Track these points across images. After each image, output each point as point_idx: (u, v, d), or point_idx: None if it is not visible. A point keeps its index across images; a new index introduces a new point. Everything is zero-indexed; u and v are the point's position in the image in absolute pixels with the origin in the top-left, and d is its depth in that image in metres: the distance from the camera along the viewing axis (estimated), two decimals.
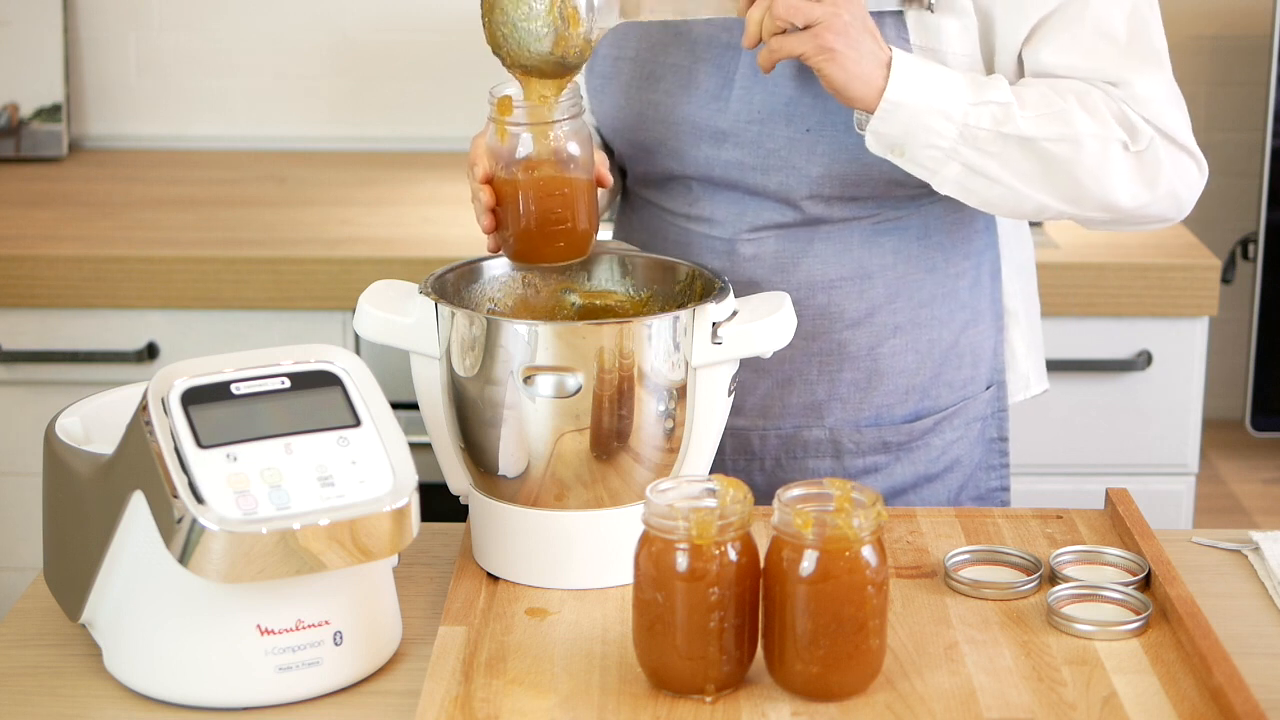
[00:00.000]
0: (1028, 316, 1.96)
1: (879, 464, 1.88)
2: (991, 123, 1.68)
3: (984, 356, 1.91)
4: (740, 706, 1.41)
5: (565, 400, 1.56)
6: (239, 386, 1.41)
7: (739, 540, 1.40)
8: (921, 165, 1.69)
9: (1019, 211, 1.74)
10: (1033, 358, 1.96)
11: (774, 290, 1.80)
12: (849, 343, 1.83)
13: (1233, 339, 3.19)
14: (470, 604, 1.55)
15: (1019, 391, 1.95)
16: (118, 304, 2.58)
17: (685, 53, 1.81)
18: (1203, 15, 3.15)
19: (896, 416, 1.87)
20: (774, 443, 1.86)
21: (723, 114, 1.78)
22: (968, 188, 1.70)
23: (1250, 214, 3.12)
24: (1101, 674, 1.45)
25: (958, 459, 1.91)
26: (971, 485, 1.93)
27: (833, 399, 1.85)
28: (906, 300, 1.84)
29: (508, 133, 1.64)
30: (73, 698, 1.45)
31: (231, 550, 1.34)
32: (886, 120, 1.66)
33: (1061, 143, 1.69)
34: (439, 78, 3.17)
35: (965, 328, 1.88)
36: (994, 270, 1.90)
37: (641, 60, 1.83)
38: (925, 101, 1.66)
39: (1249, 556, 1.68)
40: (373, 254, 2.59)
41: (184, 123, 3.20)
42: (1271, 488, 2.99)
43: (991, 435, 1.94)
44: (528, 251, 1.68)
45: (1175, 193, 1.75)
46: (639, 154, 1.85)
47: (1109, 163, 1.71)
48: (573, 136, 1.65)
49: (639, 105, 1.83)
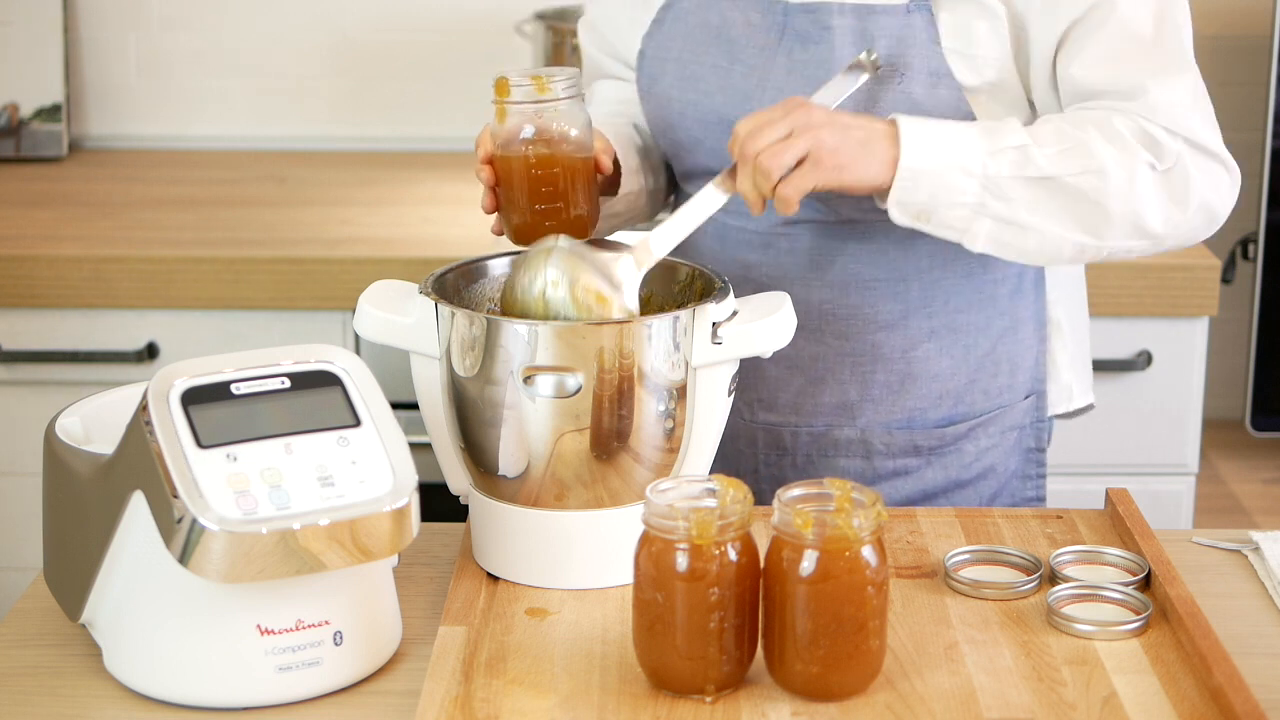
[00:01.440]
0: (1073, 327, 1.92)
1: (909, 466, 1.87)
2: (1012, 168, 1.66)
3: (1023, 365, 1.89)
4: (740, 706, 1.41)
5: (565, 400, 1.56)
6: (239, 386, 1.41)
7: (739, 540, 1.40)
8: (950, 227, 1.68)
9: (1058, 257, 1.71)
10: (1076, 370, 1.93)
11: (809, 287, 1.80)
12: (882, 344, 1.83)
13: (1233, 339, 3.19)
14: (470, 604, 1.55)
15: (1061, 403, 1.93)
16: (118, 304, 2.58)
17: (723, 54, 1.81)
18: (1203, 15, 3.14)
19: (929, 420, 1.87)
20: (805, 440, 1.86)
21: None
22: (1002, 241, 1.68)
23: (1250, 214, 3.12)
24: (1101, 674, 1.45)
25: (991, 466, 1.89)
26: (1006, 494, 1.91)
27: (864, 400, 1.85)
28: (942, 305, 1.83)
29: (506, 113, 1.68)
30: (73, 698, 1.45)
31: (231, 550, 1.34)
32: (907, 189, 1.65)
33: (1086, 175, 1.66)
34: (439, 78, 3.17)
35: (1004, 335, 1.87)
36: (1037, 279, 1.88)
37: (684, 61, 1.84)
38: (942, 162, 1.64)
39: (1249, 556, 1.68)
40: (373, 254, 2.59)
41: (184, 123, 3.20)
42: (1271, 488, 2.99)
43: (1029, 445, 1.91)
44: (525, 231, 1.71)
45: (1208, 205, 1.71)
46: (680, 152, 1.87)
47: (1137, 188, 1.67)
48: (568, 118, 1.68)
49: (680, 105, 1.84)
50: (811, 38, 1.77)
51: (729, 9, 1.82)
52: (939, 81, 1.74)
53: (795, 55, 1.78)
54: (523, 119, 1.68)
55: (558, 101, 1.68)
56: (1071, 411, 1.94)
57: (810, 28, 1.77)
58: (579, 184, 1.70)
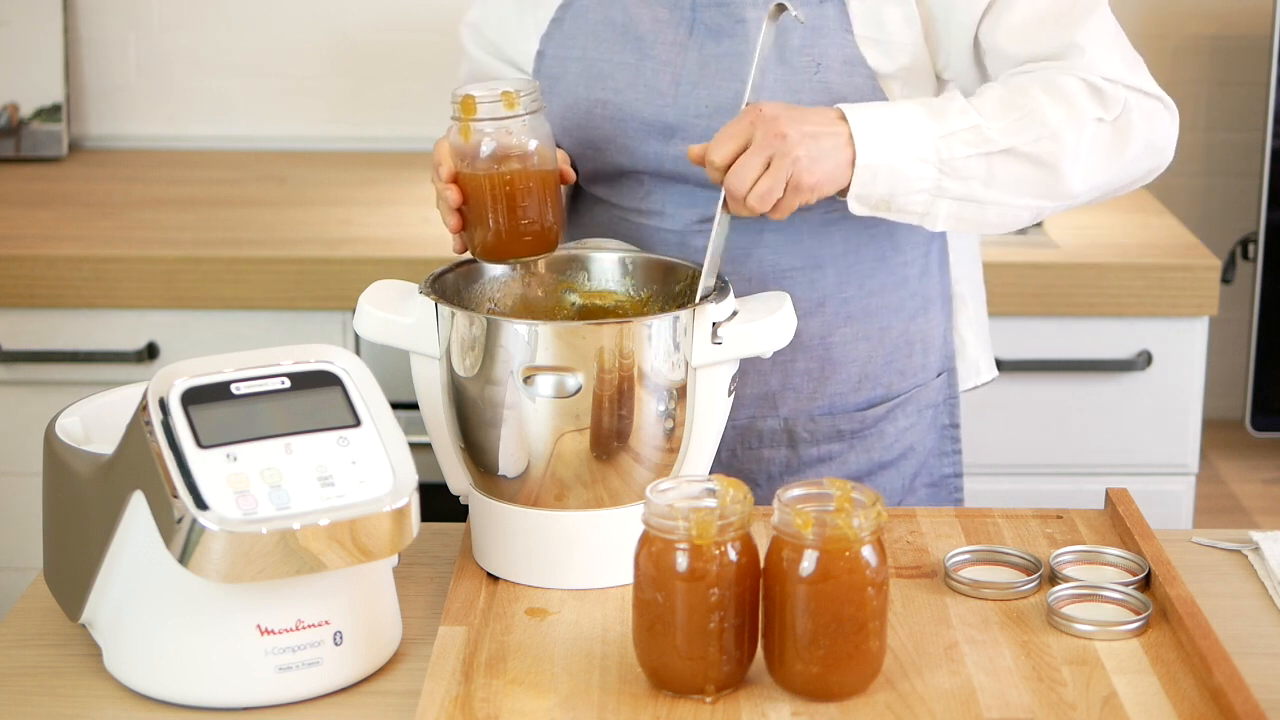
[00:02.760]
0: (975, 304, 1.97)
1: (833, 452, 1.88)
2: (966, 149, 1.68)
3: (934, 343, 1.92)
4: (740, 706, 1.41)
5: (565, 400, 1.56)
6: (239, 386, 1.41)
7: (739, 540, 1.40)
8: (910, 213, 1.70)
9: (1018, 223, 1.74)
10: (981, 345, 1.98)
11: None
12: (801, 332, 1.84)
13: (1233, 339, 3.19)
14: (470, 604, 1.55)
15: (969, 378, 1.97)
16: (118, 304, 2.58)
17: (632, 51, 1.82)
18: (1203, 15, 3.15)
19: (850, 404, 1.88)
20: (729, 434, 1.86)
21: (671, 109, 1.80)
22: (963, 218, 1.71)
23: (1250, 214, 3.12)
24: (1101, 674, 1.45)
25: (911, 446, 1.92)
26: (925, 472, 1.95)
27: (786, 388, 1.86)
28: (857, 289, 1.85)
29: (471, 130, 1.67)
30: (73, 698, 1.45)
31: (231, 550, 1.34)
32: (865, 185, 1.67)
33: (1040, 141, 1.69)
34: (439, 78, 3.17)
35: (915, 315, 1.89)
36: (941, 258, 1.92)
37: (589, 60, 1.84)
38: (896, 154, 1.67)
39: (1249, 556, 1.68)
40: (373, 254, 2.59)
41: (184, 123, 3.20)
42: (1271, 488, 2.99)
43: (944, 422, 1.95)
44: (496, 248, 1.70)
45: (1152, 144, 1.75)
46: (589, 151, 1.86)
47: (1086, 144, 1.71)
48: (535, 132, 1.68)
49: (587, 104, 1.84)
50: (725, 31, 1.78)
51: (633, 5, 1.82)
52: (854, 70, 1.76)
53: (708, 49, 1.78)
54: (490, 136, 1.67)
55: (524, 116, 1.67)
56: (979, 385, 1.98)
57: (723, 21, 1.78)
58: (548, 196, 1.69)
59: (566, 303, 1.74)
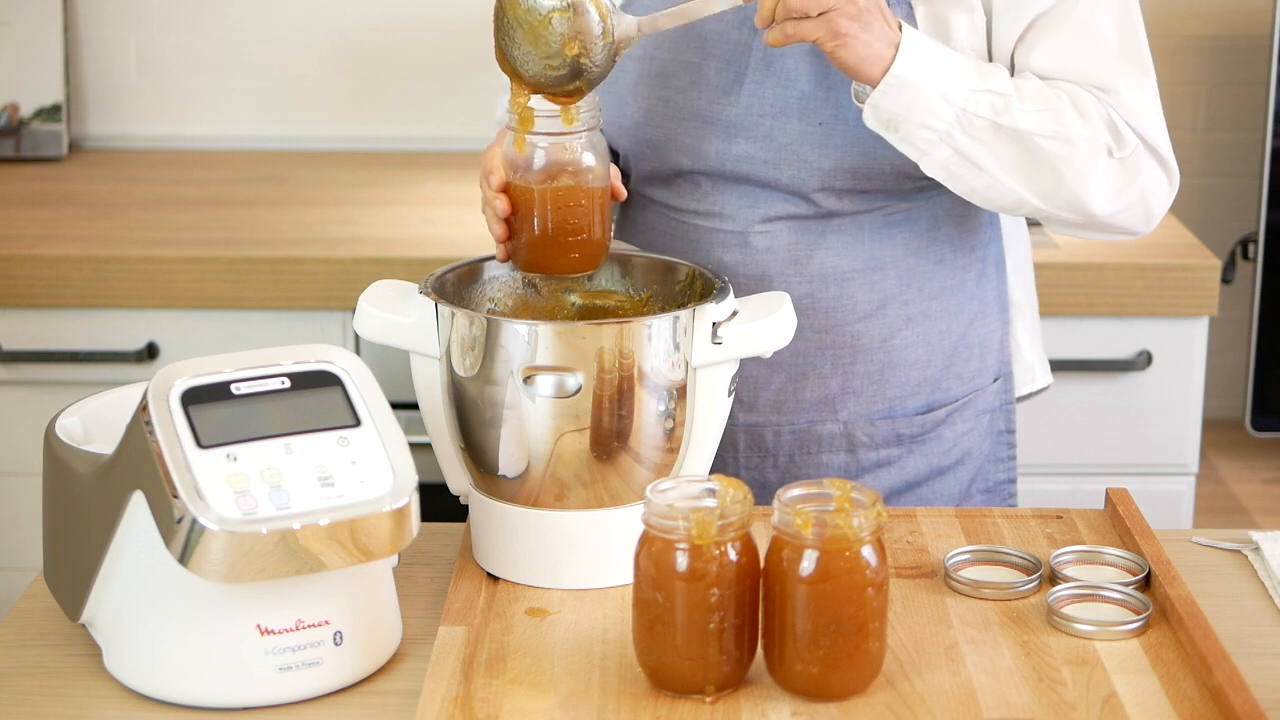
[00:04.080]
0: (1030, 310, 1.98)
1: (892, 457, 1.88)
2: (989, 111, 1.69)
3: (991, 349, 1.92)
4: (740, 706, 1.41)
5: (565, 400, 1.56)
6: (239, 386, 1.41)
7: (739, 540, 1.40)
8: (913, 144, 1.70)
9: (997, 203, 1.75)
10: (1036, 351, 1.98)
11: (788, 283, 1.80)
12: (862, 335, 1.84)
13: (1233, 339, 3.19)
14: (470, 604, 1.55)
15: (1025, 384, 1.97)
16: (118, 304, 2.58)
17: (695, 49, 1.82)
18: (1203, 15, 3.15)
19: (909, 408, 1.88)
20: (788, 438, 1.87)
21: (734, 108, 1.79)
22: (954, 172, 1.72)
23: (1250, 214, 3.12)
24: (1101, 674, 1.45)
25: (968, 451, 1.92)
26: (981, 478, 1.94)
27: (846, 392, 1.86)
28: (917, 292, 1.85)
29: (526, 143, 1.65)
30: (73, 698, 1.45)
31: (231, 550, 1.34)
32: (888, 95, 1.67)
33: (1054, 140, 1.71)
34: (439, 78, 3.17)
35: (974, 320, 1.89)
36: (999, 263, 1.92)
37: (649, 58, 1.84)
38: (928, 82, 1.67)
39: (1249, 556, 1.68)
40: (373, 254, 2.59)
41: (184, 123, 3.20)
42: (1271, 488, 2.99)
43: (999, 428, 1.95)
44: (541, 261, 1.68)
45: (1146, 202, 1.77)
46: (646, 151, 1.86)
47: (1094, 166, 1.73)
48: (591, 148, 1.66)
49: (647, 102, 1.83)
50: None
51: None
52: None
53: (771, 50, 1.78)
54: (545, 150, 1.65)
55: (582, 133, 1.65)
56: (1034, 392, 1.99)
57: None
58: (597, 214, 1.67)
59: (566, 303, 1.74)
